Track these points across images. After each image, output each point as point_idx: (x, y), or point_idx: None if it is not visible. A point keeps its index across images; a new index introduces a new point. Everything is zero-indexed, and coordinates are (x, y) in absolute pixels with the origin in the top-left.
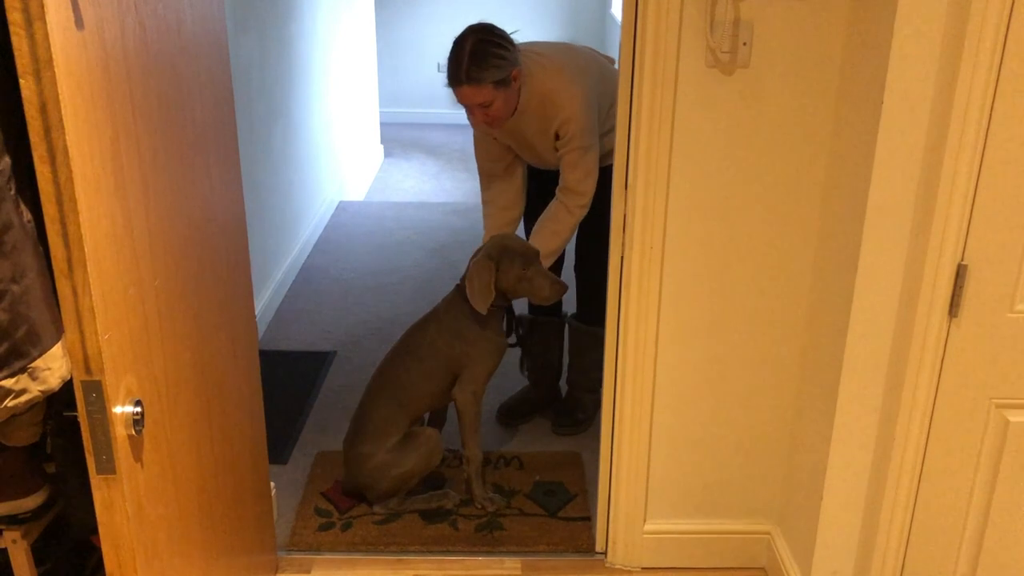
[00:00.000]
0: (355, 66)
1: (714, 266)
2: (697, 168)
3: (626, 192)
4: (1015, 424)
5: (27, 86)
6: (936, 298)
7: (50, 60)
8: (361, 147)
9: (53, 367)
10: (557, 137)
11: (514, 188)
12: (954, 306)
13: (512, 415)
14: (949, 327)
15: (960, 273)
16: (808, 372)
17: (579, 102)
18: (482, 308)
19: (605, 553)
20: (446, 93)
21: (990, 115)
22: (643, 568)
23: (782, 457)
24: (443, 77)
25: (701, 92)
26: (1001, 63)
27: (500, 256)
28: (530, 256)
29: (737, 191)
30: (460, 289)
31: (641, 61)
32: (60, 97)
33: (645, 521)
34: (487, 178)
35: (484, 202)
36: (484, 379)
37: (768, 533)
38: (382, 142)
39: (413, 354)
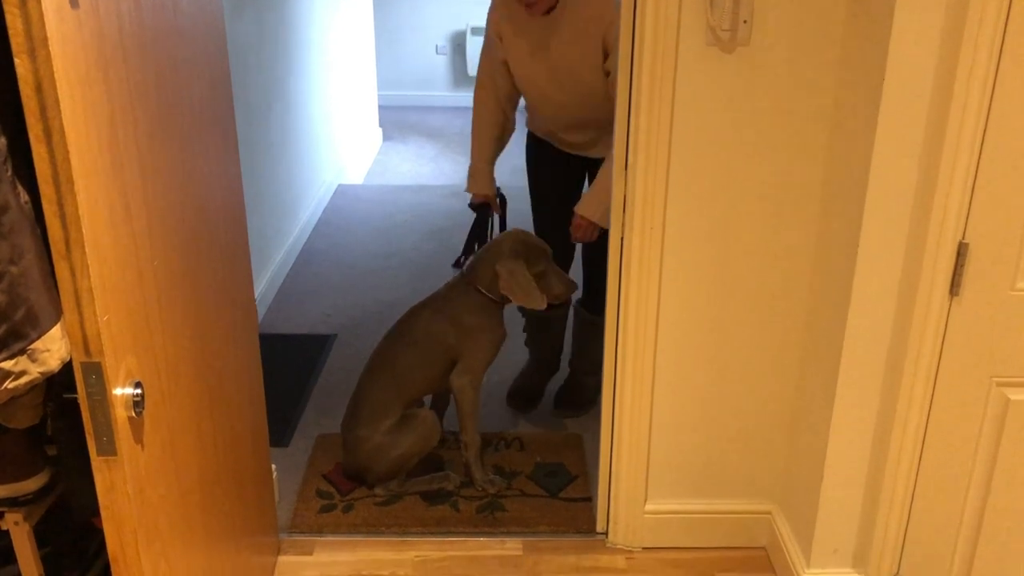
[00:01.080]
0: (353, 48)
1: (715, 246)
2: (698, 147)
3: (626, 172)
4: (1015, 402)
5: (22, 65)
6: (937, 276)
7: (45, 39)
8: (359, 130)
9: (52, 349)
10: (605, 57)
11: (500, 113)
12: (955, 284)
13: (521, 399)
14: (950, 306)
15: (961, 251)
16: (809, 351)
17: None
18: (541, 304)
19: (606, 533)
20: (444, 76)
21: (992, 91)
22: (644, 548)
23: (783, 436)
24: (441, 60)
25: (701, 71)
26: (1004, 38)
27: (527, 253)
28: (548, 254)
29: (738, 171)
30: (464, 279)
31: (641, 40)
32: (56, 76)
33: (646, 501)
34: (479, 99)
35: (473, 130)
36: (482, 368)
37: (769, 512)
38: (380, 125)
39: (409, 339)
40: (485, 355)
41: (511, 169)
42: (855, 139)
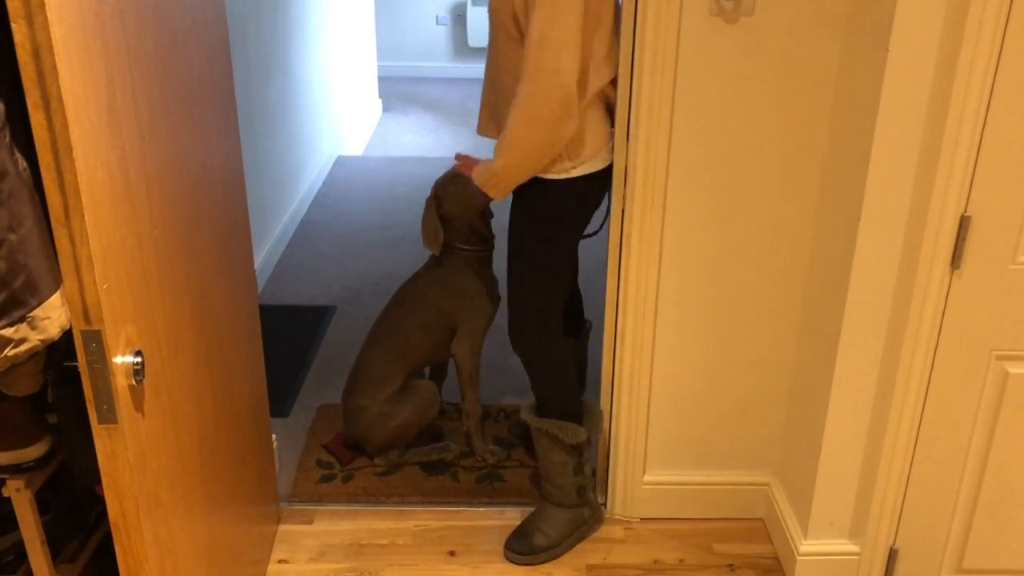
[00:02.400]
0: (353, 18)
1: (716, 219)
2: (700, 119)
3: (627, 144)
4: (1014, 375)
5: (19, 31)
6: (938, 249)
7: (42, 4)
8: (359, 101)
9: (52, 316)
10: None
11: None
12: (956, 258)
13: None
14: (951, 279)
15: (963, 224)
16: (809, 323)
17: None
18: (435, 248)
19: (605, 504)
20: (445, 46)
21: (997, 62)
22: (642, 519)
23: (781, 408)
24: (442, 30)
25: (704, 41)
26: (1011, 7)
27: (435, 191)
28: (454, 173)
29: (740, 142)
30: (444, 243)
31: (643, 10)
32: (53, 42)
33: (644, 472)
34: None
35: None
36: (481, 333)
37: (767, 484)
38: (380, 96)
39: (407, 307)
40: (482, 318)
41: None
42: (858, 110)
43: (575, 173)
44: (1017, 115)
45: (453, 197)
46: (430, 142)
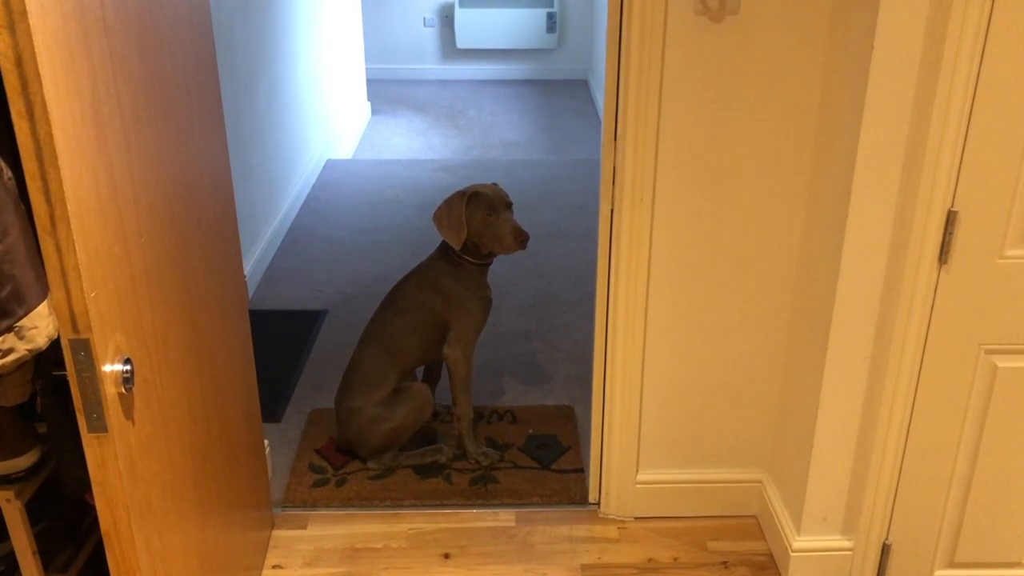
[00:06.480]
0: (340, 21)
1: (704, 217)
2: (687, 117)
3: (615, 144)
4: (1003, 370)
5: (1, 40)
6: (926, 244)
7: (24, 12)
8: (347, 104)
9: (40, 326)
10: None
11: None
12: (944, 252)
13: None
14: (939, 274)
15: (950, 219)
16: (799, 320)
17: None
18: (456, 242)
19: (598, 504)
20: (433, 48)
21: (981, 58)
22: (636, 518)
23: (773, 405)
24: (429, 32)
25: (690, 40)
26: (993, 4)
27: (471, 195)
28: (498, 204)
29: (727, 140)
30: (443, 246)
31: (629, 9)
32: (36, 50)
33: (637, 471)
34: None
35: None
36: (472, 337)
37: (759, 481)
38: (369, 99)
39: (397, 309)
40: (474, 322)
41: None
42: (844, 107)
43: None
44: (1002, 109)
45: (481, 224)
46: (419, 144)
